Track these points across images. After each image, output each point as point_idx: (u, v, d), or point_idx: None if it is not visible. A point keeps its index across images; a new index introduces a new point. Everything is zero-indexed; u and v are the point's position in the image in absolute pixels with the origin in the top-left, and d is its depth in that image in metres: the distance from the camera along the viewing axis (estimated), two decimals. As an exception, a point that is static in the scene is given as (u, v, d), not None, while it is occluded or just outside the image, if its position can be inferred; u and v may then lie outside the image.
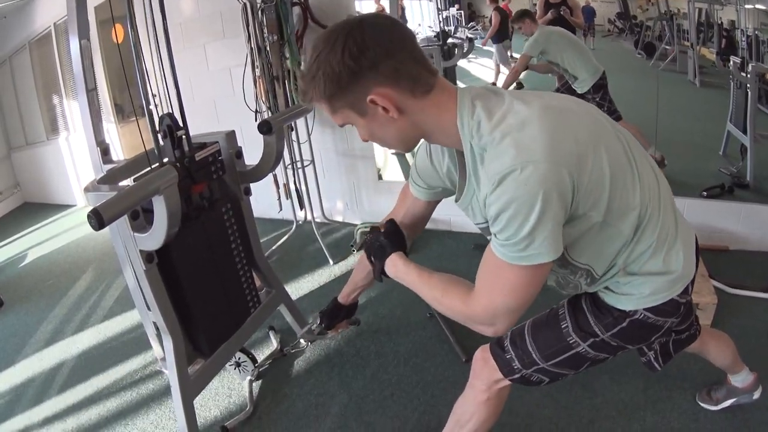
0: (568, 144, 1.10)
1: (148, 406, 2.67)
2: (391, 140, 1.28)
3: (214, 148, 2.19)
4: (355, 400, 2.51)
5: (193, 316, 2.21)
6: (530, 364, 1.52)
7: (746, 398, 2.13)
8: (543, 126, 1.10)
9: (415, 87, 1.17)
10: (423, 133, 1.27)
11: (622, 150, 1.22)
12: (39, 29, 5.62)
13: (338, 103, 1.20)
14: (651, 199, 1.26)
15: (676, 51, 3.81)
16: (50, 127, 6.12)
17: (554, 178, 1.06)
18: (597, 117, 1.25)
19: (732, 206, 3.35)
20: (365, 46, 1.11)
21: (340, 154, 4.23)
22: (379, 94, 1.15)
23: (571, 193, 1.10)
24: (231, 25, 3.87)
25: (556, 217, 1.10)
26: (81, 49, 2.11)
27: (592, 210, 1.16)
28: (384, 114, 1.18)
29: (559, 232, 1.13)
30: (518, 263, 1.15)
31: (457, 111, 1.20)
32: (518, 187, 1.06)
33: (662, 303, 1.37)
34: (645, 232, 1.27)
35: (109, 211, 1.63)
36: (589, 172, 1.11)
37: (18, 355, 3.33)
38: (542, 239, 1.10)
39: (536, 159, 1.06)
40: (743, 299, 2.86)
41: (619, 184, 1.17)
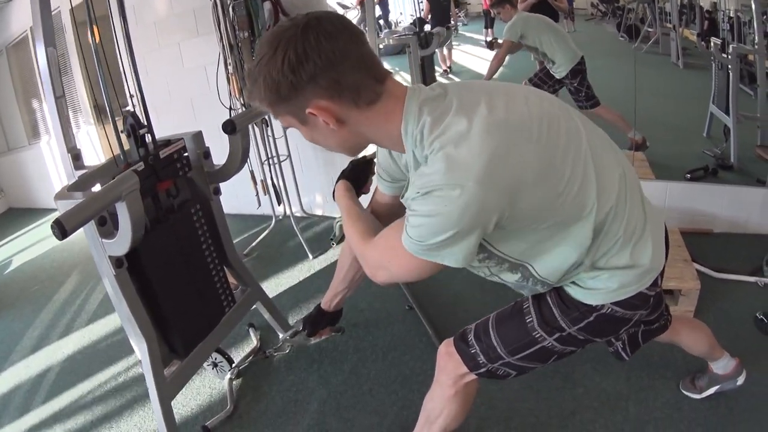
0: (507, 173, 1.07)
1: (132, 408, 2.67)
2: (334, 147, 1.28)
3: (179, 145, 2.15)
4: (333, 395, 2.50)
5: (167, 318, 2.19)
6: (496, 358, 1.49)
7: (730, 385, 2.10)
8: (483, 149, 1.06)
9: (359, 98, 1.14)
10: (367, 140, 1.26)
11: (576, 154, 1.18)
12: (15, 34, 5.58)
13: (279, 110, 1.19)
14: (613, 195, 1.23)
15: (659, 33, 3.79)
16: (31, 132, 6.10)
17: (481, 206, 1.05)
18: (553, 118, 1.19)
19: (716, 188, 3.34)
20: (305, 57, 1.07)
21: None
22: (318, 107, 1.13)
23: (496, 216, 1.09)
24: (204, 22, 3.82)
25: (473, 235, 1.11)
26: (48, 57, 2.08)
27: (528, 225, 1.17)
28: (324, 125, 1.17)
29: (473, 249, 1.15)
30: (418, 257, 1.18)
31: (402, 118, 1.17)
32: (442, 206, 1.06)
33: (630, 296, 1.35)
34: (611, 229, 1.25)
35: (71, 221, 1.60)
36: (526, 201, 1.10)
37: (4, 362, 3.32)
38: (450, 252, 1.13)
39: (467, 183, 1.03)
40: (728, 283, 2.84)
41: (566, 199, 1.15)
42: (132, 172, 1.82)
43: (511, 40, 3.73)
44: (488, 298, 2.91)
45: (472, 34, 4.62)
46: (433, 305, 2.99)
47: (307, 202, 4.49)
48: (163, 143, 2.13)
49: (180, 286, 2.24)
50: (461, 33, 4.56)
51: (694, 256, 2.84)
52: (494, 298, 2.85)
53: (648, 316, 1.61)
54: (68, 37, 5.03)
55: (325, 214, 4.51)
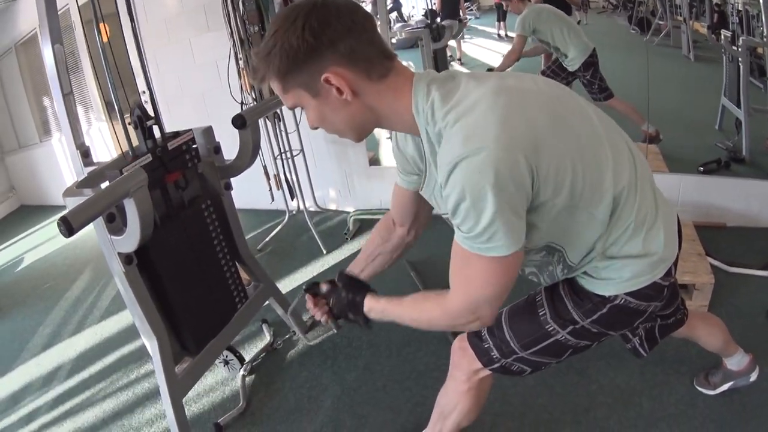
0: (523, 127, 1.05)
1: (144, 405, 2.67)
2: (341, 125, 1.24)
3: (188, 136, 2.16)
4: (347, 392, 2.49)
5: (178, 315, 2.19)
6: (509, 353, 1.48)
7: (743, 381, 2.09)
8: (495, 108, 1.06)
9: (371, 69, 1.14)
10: (377, 119, 1.22)
11: (591, 131, 1.18)
12: (24, 32, 5.59)
13: (291, 82, 1.16)
14: (627, 180, 1.21)
15: (670, 26, 3.75)
16: (42, 129, 6.12)
17: (508, 163, 1.02)
18: (562, 97, 1.20)
19: (729, 182, 3.30)
20: (326, 23, 1.08)
21: (330, 142, 4.19)
22: (335, 72, 1.11)
23: (529, 177, 1.05)
24: (214, 17, 3.81)
25: (515, 204, 1.06)
26: (55, 54, 2.07)
27: (555, 197, 1.12)
28: (337, 96, 1.15)
29: (522, 219, 1.09)
30: (486, 254, 1.12)
31: (412, 96, 1.16)
32: (471, 175, 1.02)
33: (644, 287, 1.32)
34: (622, 214, 1.23)
35: (78, 218, 1.59)
36: (548, 156, 1.07)
37: (16, 360, 3.34)
38: (504, 230, 1.07)
39: (487, 144, 1.01)
40: (741, 277, 2.81)
41: (586, 168, 1.13)
42: (140, 168, 1.81)
43: (524, 34, 3.70)
44: None
45: (485, 27, 4.58)
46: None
47: (320, 197, 4.48)
48: (171, 135, 2.13)
49: (191, 283, 2.24)
50: (473, 26, 4.53)
51: (708, 250, 2.82)
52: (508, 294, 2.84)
53: (663, 309, 1.60)
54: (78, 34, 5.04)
55: (339, 208, 4.51)
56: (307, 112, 1.24)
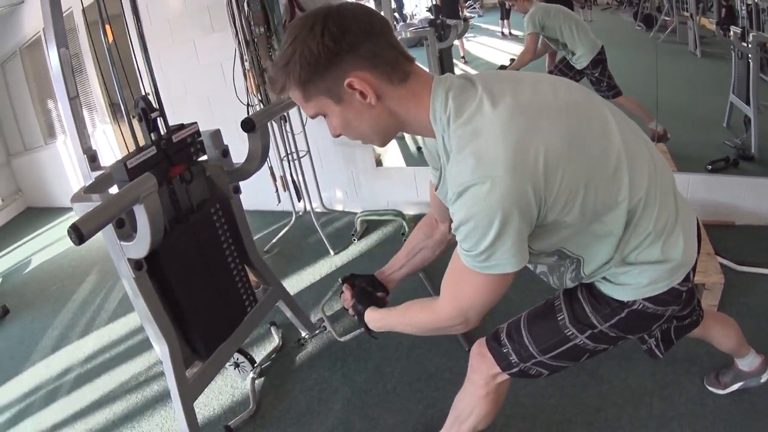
0: (534, 153, 1.04)
1: (153, 408, 2.68)
2: (366, 130, 1.22)
3: (193, 129, 2.14)
4: (358, 394, 2.49)
5: (188, 319, 2.18)
6: (528, 357, 1.48)
7: (753, 382, 2.09)
8: (507, 134, 1.05)
9: (393, 73, 1.14)
10: (399, 123, 1.22)
11: (606, 142, 1.16)
12: (28, 35, 5.60)
13: (313, 90, 1.14)
14: (646, 188, 1.20)
15: (676, 22, 3.73)
16: (47, 132, 6.12)
17: (515, 193, 1.02)
18: (579, 105, 1.18)
19: (737, 180, 3.28)
20: (346, 28, 1.07)
21: (337, 143, 4.17)
22: (357, 77, 1.11)
23: (536, 206, 1.06)
24: (219, 18, 3.81)
25: (518, 231, 1.08)
26: (60, 58, 2.07)
27: (565, 216, 1.12)
28: (361, 101, 1.14)
29: (523, 243, 1.12)
30: (482, 272, 1.15)
31: (430, 103, 1.16)
32: (477, 203, 1.04)
33: (662, 292, 1.32)
34: (639, 224, 1.22)
35: (88, 225, 1.58)
36: (559, 182, 1.06)
37: (25, 362, 3.34)
38: (503, 252, 1.10)
39: (496, 174, 1.02)
40: (751, 276, 2.80)
41: (599, 186, 1.12)
42: (150, 174, 1.80)
43: (536, 32, 3.68)
44: (512, 294, 2.80)
45: (488, 26, 4.56)
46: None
47: (327, 198, 4.48)
48: (176, 127, 2.12)
49: (201, 287, 2.24)
50: (476, 24, 4.50)
51: (717, 249, 2.80)
52: (519, 294, 2.81)
53: (680, 311, 1.59)
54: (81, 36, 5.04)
55: (346, 209, 4.50)
56: (330, 120, 1.22)
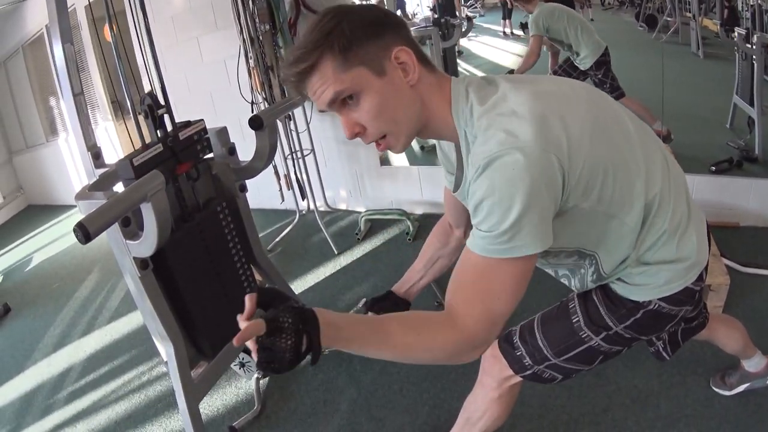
0: (558, 130, 1.04)
1: (156, 407, 2.66)
2: (401, 114, 1.14)
3: (199, 126, 2.13)
4: (364, 395, 2.48)
5: (194, 319, 2.17)
6: (542, 360, 1.47)
7: (760, 383, 2.09)
8: (533, 111, 1.05)
9: (424, 60, 1.16)
10: (427, 115, 1.18)
11: (625, 138, 1.17)
12: (31, 32, 5.59)
13: (355, 59, 1.07)
14: (660, 186, 1.21)
15: (678, 23, 3.74)
16: (49, 129, 6.12)
17: (542, 164, 1.01)
18: (597, 101, 1.20)
19: (741, 181, 3.28)
20: (382, 12, 1.12)
21: (341, 142, 4.18)
22: (405, 51, 1.10)
23: (561, 180, 1.04)
24: (223, 15, 3.80)
25: (544, 205, 1.04)
26: (65, 54, 2.05)
27: (583, 201, 1.11)
28: (401, 78, 1.12)
29: (549, 221, 1.07)
30: (505, 256, 1.06)
31: (451, 97, 1.16)
32: (503, 173, 1.00)
33: (677, 292, 1.32)
34: (655, 221, 1.22)
35: (95, 224, 1.56)
36: (582, 161, 1.06)
37: (27, 361, 3.33)
38: (529, 229, 1.03)
39: (523, 145, 1.00)
40: (756, 278, 2.79)
41: (617, 174, 1.12)
42: (157, 171, 1.79)
43: (540, 34, 3.67)
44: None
45: (489, 25, 4.57)
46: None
47: (331, 197, 4.48)
48: (182, 124, 2.11)
49: (206, 286, 2.22)
50: (477, 24, 4.51)
51: (721, 251, 2.81)
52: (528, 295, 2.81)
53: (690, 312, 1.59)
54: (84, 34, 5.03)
55: (350, 208, 4.50)
56: (361, 103, 1.12)
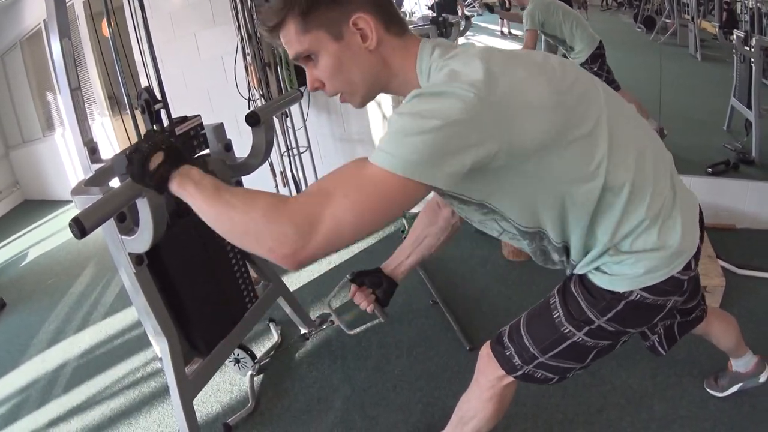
0: (508, 83, 1.04)
1: (151, 404, 2.66)
2: (356, 76, 1.20)
3: (196, 121, 2.12)
4: (357, 392, 2.48)
5: (189, 315, 2.17)
6: (530, 359, 1.46)
7: (752, 382, 2.09)
8: (486, 62, 1.05)
9: (390, 24, 1.18)
10: (386, 78, 1.23)
11: (588, 105, 1.16)
12: (29, 27, 5.57)
13: (314, 22, 1.14)
14: (631, 171, 1.18)
15: (677, 24, 3.74)
16: (46, 124, 6.10)
17: (477, 109, 0.99)
18: (566, 68, 1.19)
19: (738, 183, 3.29)
20: None
21: (337, 139, 4.18)
22: (363, 17, 1.14)
23: (493, 135, 1.02)
24: (220, 11, 3.79)
25: (452, 145, 0.99)
26: (62, 48, 2.04)
27: (530, 163, 1.10)
28: (359, 43, 1.16)
29: (461, 166, 1.01)
30: (376, 161, 1.01)
31: (417, 54, 1.19)
32: (431, 97, 1.02)
33: (661, 281, 1.28)
34: (629, 207, 1.20)
35: (90, 219, 1.53)
36: (530, 125, 1.05)
37: (22, 356, 3.32)
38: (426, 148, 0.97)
39: (466, 87, 1.00)
40: (751, 280, 2.80)
41: (570, 141, 1.11)
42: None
43: (535, 28, 3.66)
44: (512, 292, 2.90)
45: (487, 24, 4.56)
46: (458, 300, 2.96)
47: (327, 195, 4.43)
48: (179, 120, 2.10)
49: (201, 282, 2.22)
50: (475, 23, 4.50)
51: (717, 252, 2.81)
52: (519, 292, 2.84)
53: (684, 304, 1.56)
54: (81, 29, 5.02)
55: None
56: (319, 62, 1.19)
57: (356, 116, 4.00)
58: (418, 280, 3.16)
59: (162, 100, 2.04)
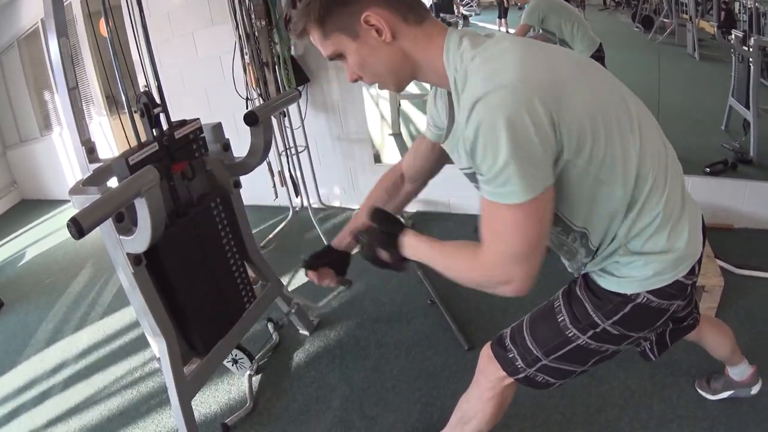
0: (545, 72, 1.07)
1: (149, 404, 2.65)
2: (381, 69, 1.25)
3: (195, 125, 2.13)
4: (356, 392, 2.47)
5: (187, 315, 2.17)
6: (533, 361, 1.46)
7: (744, 392, 2.10)
8: (521, 55, 1.08)
9: (409, 13, 1.19)
10: (412, 67, 1.25)
11: (618, 101, 1.18)
12: (27, 26, 5.55)
13: (331, 26, 1.20)
14: (655, 165, 1.20)
15: (675, 24, 3.74)
16: (43, 124, 6.07)
17: (524, 103, 1.01)
18: (592, 65, 1.23)
19: (736, 183, 3.29)
20: None
21: (335, 139, 4.18)
22: (374, 12, 1.16)
23: (549, 123, 1.04)
24: (219, 11, 3.79)
25: (531, 148, 1.03)
26: (60, 47, 2.03)
27: (577, 156, 1.11)
28: (376, 38, 1.19)
29: (542, 168, 1.07)
30: (504, 201, 1.08)
31: (444, 44, 1.19)
32: (486, 113, 1.02)
33: (666, 285, 1.30)
34: (648, 201, 1.21)
35: (89, 219, 1.54)
36: (569, 108, 1.06)
37: (20, 356, 3.31)
38: (520, 173, 1.04)
39: (506, 84, 1.02)
40: (750, 280, 2.81)
41: (610, 132, 1.12)
42: (151, 167, 1.77)
43: (530, 24, 3.65)
44: None
45: (485, 24, 4.56)
46: (456, 299, 2.96)
47: (324, 194, 4.46)
48: (178, 123, 2.11)
49: (200, 282, 2.22)
50: (473, 23, 4.50)
51: (716, 252, 2.81)
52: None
53: (681, 311, 1.57)
54: (79, 28, 5.01)
55: (343, 205, 4.49)
56: (347, 60, 1.26)
57: (354, 116, 4.00)
58: (417, 280, 3.16)
59: (161, 103, 2.03)
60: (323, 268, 1.72)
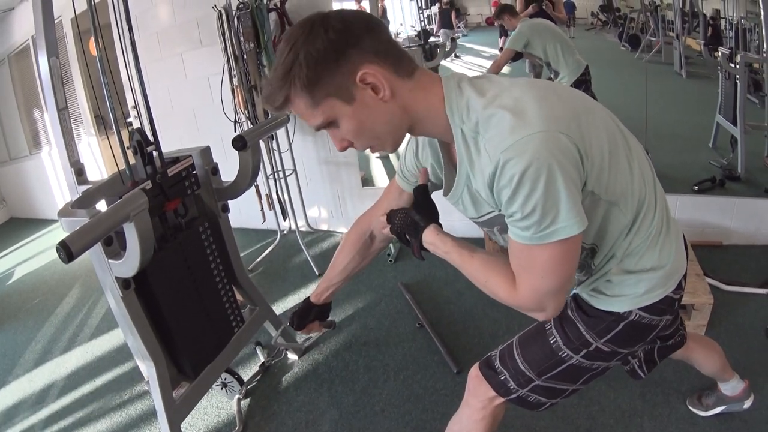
0: (563, 111, 1.07)
1: (138, 427, 2.63)
2: (381, 129, 1.16)
3: (188, 162, 2.12)
4: (345, 416, 2.46)
5: (176, 339, 2.16)
6: (526, 382, 1.46)
7: (736, 407, 2.10)
8: (534, 97, 1.07)
9: (399, 66, 1.12)
10: (410, 121, 1.18)
11: (617, 130, 1.19)
12: (17, 43, 5.56)
13: (321, 92, 1.08)
14: (648, 184, 1.23)
15: (662, 42, 3.76)
16: (33, 142, 6.08)
17: (559, 145, 1.02)
18: (587, 99, 1.22)
19: (724, 200, 3.31)
20: (347, 24, 1.05)
21: (323, 162, 4.19)
22: (370, 68, 1.07)
23: (579, 159, 1.05)
24: (208, 32, 3.80)
25: (573, 184, 1.05)
26: (50, 67, 2.03)
27: (597, 185, 1.12)
28: (373, 97, 1.10)
29: (580, 200, 1.08)
30: (548, 241, 1.08)
31: (444, 94, 1.15)
32: (526, 162, 1.00)
33: (657, 301, 1.33)
34: (644, 220, 1.24)
35: (78, 243, 1.54)
36: (589, 140, 1.08)
37: (8, 376, 3.29)
38: (566, 210, 1.04)
39: (536, 130, 1.01)
40: (739, 296, 2.82)
41: (617, 162, 1.14)
42: (141, 191, 1.77)
43: (515, 49, 3.67)
44: (498, 314, 2.89)
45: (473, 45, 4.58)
46: (444, 322, 2.96)
47: (312, 217, 4.47)
48: (170, 160, 2.10)
49: (188, 306, 2.21)
50: (461, 44, 4.52)
51: (705, 270, 2.82)
52: (504, 314, 2.83)
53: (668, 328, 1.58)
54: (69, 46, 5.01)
55: (331, 229, 4.50)
56: (340, 127, 1.15)
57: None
58: (405, 303, 3.16)
59: (155, 141, 2.02)
60: (311, 323, 1.84)
